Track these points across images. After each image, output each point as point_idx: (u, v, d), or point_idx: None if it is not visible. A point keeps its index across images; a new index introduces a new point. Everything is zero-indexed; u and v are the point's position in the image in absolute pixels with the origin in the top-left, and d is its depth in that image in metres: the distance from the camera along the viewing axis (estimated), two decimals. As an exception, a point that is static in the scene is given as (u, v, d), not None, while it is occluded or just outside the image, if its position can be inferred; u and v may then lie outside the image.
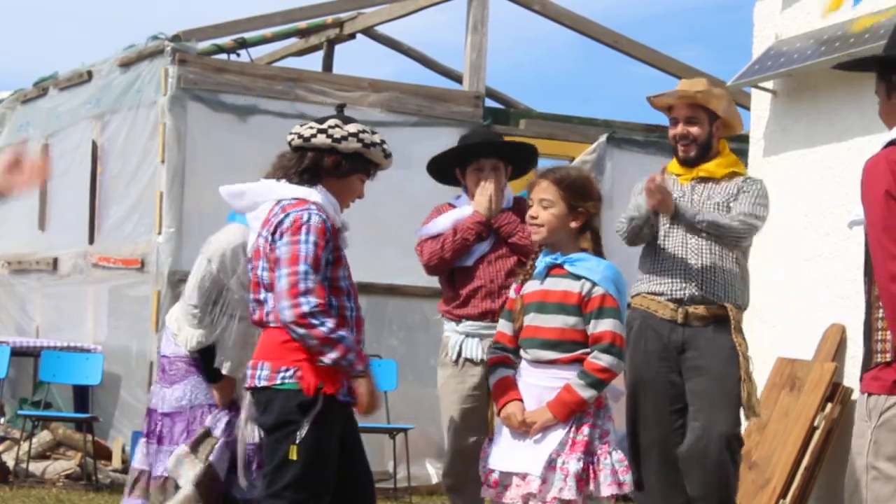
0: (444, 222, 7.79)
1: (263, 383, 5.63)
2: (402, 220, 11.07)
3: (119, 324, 12.10)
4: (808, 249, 9.77)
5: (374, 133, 6.13)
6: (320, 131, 5.97)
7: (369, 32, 13.81)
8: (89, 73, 12.63)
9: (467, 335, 7.64)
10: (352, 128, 6.03)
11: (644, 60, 12.91)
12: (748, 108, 11.57)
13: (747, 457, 10.20)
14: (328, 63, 13.76)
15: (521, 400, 5.87)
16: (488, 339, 7.34)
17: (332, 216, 5.91)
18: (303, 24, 13.11)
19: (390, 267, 11.36)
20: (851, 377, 9.99)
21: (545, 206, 5.74)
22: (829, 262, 6.70)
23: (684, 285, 7.50)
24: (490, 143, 7.97)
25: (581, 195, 5.83)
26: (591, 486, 5.49)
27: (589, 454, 5.49)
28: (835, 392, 10.13)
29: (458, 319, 7.68)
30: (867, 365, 5.09)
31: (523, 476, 5.56)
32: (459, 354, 7.64)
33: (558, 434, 5.55)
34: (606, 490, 5.47)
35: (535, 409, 5.69)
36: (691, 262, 7.50)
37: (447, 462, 7.84)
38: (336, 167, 5.98)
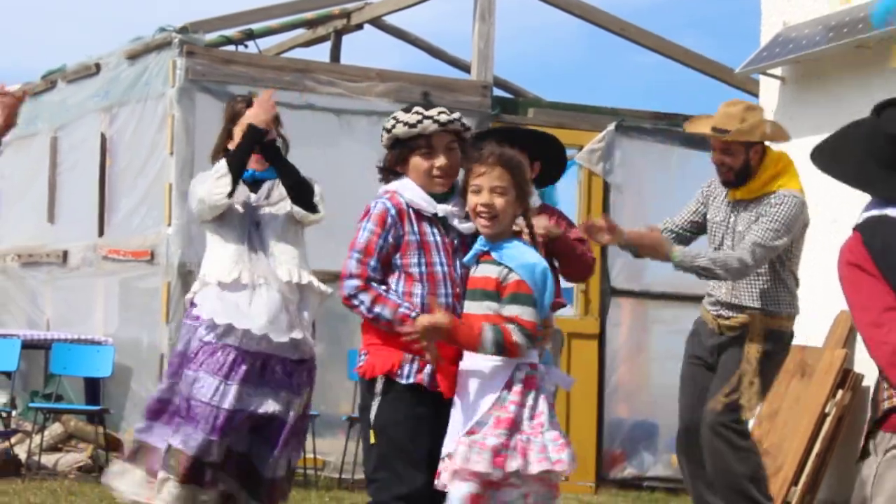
0: None
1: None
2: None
3: (129, 316, 12.10)
4: (817, 238, 9.76)
5: (407, 111, 5.97)
6: (383, 129, 5.98)
7: (376, 23, 13.78)
8: (97, 66, 12.63)
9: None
10: (393, 117, 6.01)
11: (651, 48, 12.90)
12: (756, 95, 11.56)
13: (759, 445, 10.25)
14: (336, 54, 13.75)
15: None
16: None
17: (414, 201, 5.79)
18: (310, 15, 13.11)
19: None
20: (862, 363, 10.01)
21: (500, 194, 5.43)
22: (838, 250, 6.67)
23: (719, 298, 7.79)
24: (516, 131, 8.16)
25: (526, 179, 5.61)
26: (517, 463, 5.24)
27: (514, 432, 5.26)
28: (845, 378, 10.16)
29: None
30: (874, 414, 4.85)
31: (449, 456, 5.38)
32: None
33: (479, 412, 5.36)
34: (536, 467, 5.23)
35: (464, 394, 5.48)
36: (724, 284, 7.81)
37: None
38: (395, 158, 5.94)
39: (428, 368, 5.54)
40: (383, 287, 5.63)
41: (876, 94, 6.99)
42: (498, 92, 12.83)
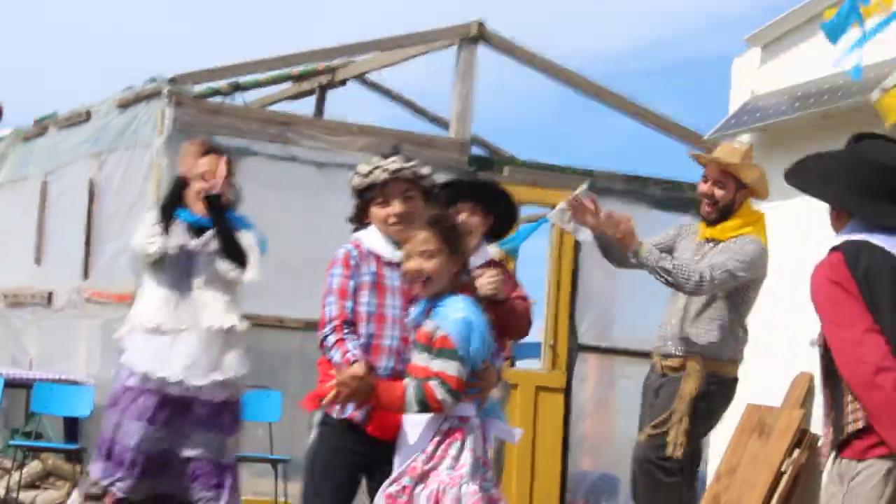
0: None
1: None
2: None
3: (111, 357, 12.07)
4: (777, 300, 9.79)
5: (366, 164, 5.96)
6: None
7: (360, 79, 13.84)
8: (88, 114, 12.65)
9: None
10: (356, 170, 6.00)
11: (624, 112, 12.95)
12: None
13: (717, 499, 10.23)
14: (320, 108, 13.79)
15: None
16: None
17: (373, 248, 5.83)
18: (296, 70, 13.15)
19: None
20: (818, 424, 10.04)
21: (428, 257, 5.34)
22: (798, 313, 6.73)
23: (664, 342, 7.76)
24: (473, 184, 7.95)
25: (459, 238, 5.47)
26: None
27: (423, 480, 5.17)
28: (802, 438, 10.15)
29: None
30: (836, 436, 5.15)
31: None
32: None
33: (403, 465, 5.27)
34: None
35: (400, 446, 5.40)
36: (673, 320, 7.75)
37: None
38: (357, 209, 5.97)
39: (365, 408, 5.50)
40: (353, 334, 5.62)
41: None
42: (475, 149, 12.84)
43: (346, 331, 5.61)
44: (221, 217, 7.60)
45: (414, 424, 5.31)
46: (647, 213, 12.23)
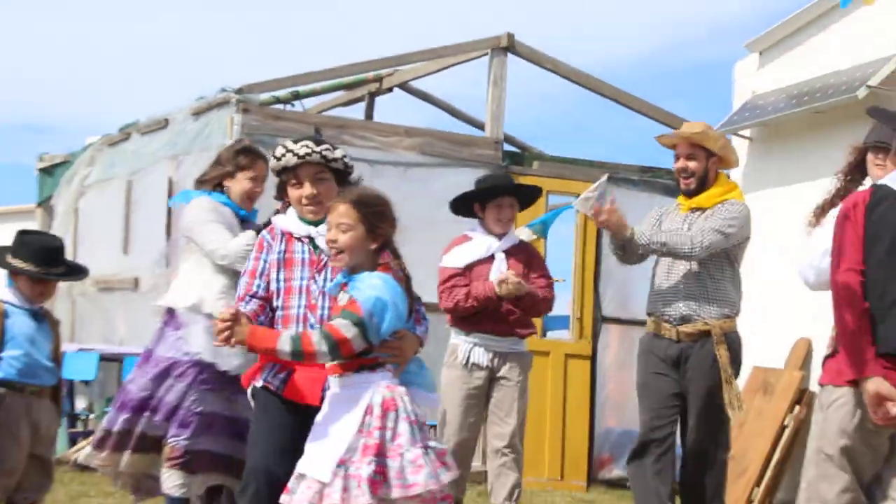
0: (460, 257, 8.08)
1: None
2: (429, 246, 11.10)
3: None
4: (780, 273, 9.79)
5: (281, 147, 5.83)
6: None
7: (404, 87, 13.85)
8: (166, 121, 12.72)
9: (475, 344, 7.79)
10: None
11: (639, 111, 12.92)
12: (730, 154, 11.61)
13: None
14: (369, 112, 13.80)
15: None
16: (491, 349, 7.83)
17: (286, 227, 5.71)
18: (348, 79, 13.14)
19: (428, 289, 11.40)
20: (816, 384, 10.05)
21: (344, 230, 5.15)
22: (798, 285, 6.74)
23: (676, 307, 7.47)
24: (509, 186, 8.19)
25: (380, 216, 5.24)
26: (383, 489, 4.94)
27: (381, 456, 4.95)
28: (802, 396, 10.19)
29: (469, 331, 7.81)
30: (824, 363, 5.27)
31: (315, 481, 5.01)
32: (468, 359, 7.79)
33: (346, 439, 5.02)
34: (396, 492, 4.94)
35: (328, 417, 5.18)
36: (680, 285, 7.49)
37: (445, 443, 7.69)
38: (278, 189, 5.94)
39: (282, 375, 5.43)
40: (254, 305, 5.53)
41: (831, 153, 7.01)
42: (507, 147, 12.85)
43: (250, 304, 5.53)
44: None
45: (339, 397, 5.13)
46: (661, 199, 12.20)
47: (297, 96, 12.74)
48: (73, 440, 11.34)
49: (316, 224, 5.60)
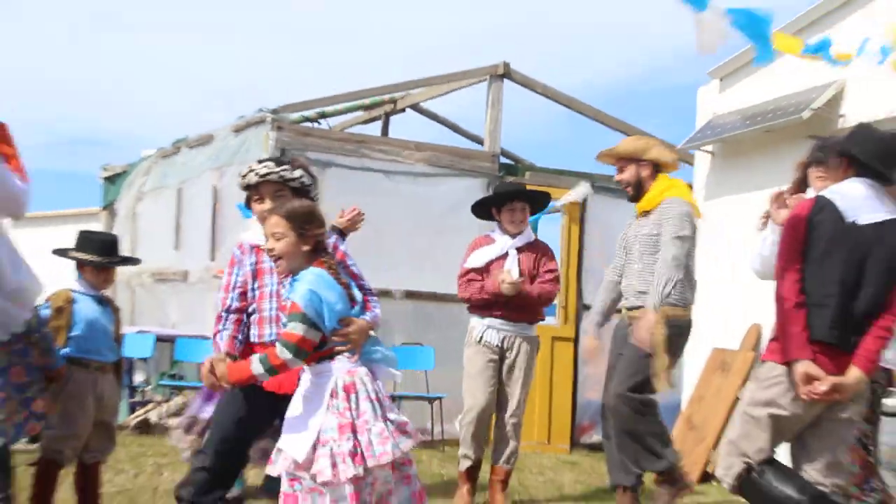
0: (480, 257, 8.07)
1: None
2: (442, 246, 11.17)
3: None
4: (736, 270, 9.81)
5: (246, 168, 5.77)
6: None
7: (415, 107, 13.87)
8: (211, 137, 12.77)
9: (488, 326, 7.90)
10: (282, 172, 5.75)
11: (617, 129, 12.93)
12: (692, 165, 11.59)
13: (689, 421, 10.28)
14: (385, 129, 13.84)
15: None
16: (501, 331, 7.88)
17: (252, 240, 5.64)
18: (366, 101, 13.20)
19: (433, 281, 11.43)
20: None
21: (278, 238, 5.05)
22: (750, 281, 6.76)
23: (630, 300, 7.55)
24: (510, 190, 8.25)
25: (307, 222, 5.09)
26: (360, 461, 4.86)
27: (354, 433, 4.87)
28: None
29: (483, 315, 7.91)
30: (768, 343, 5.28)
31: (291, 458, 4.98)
32: (481, 338, 7.89)
33: (317, 422, 4.94)
34: (370, 462, 4.86)
35: (298, 403, 5.11)
36: (633, 282, 7.54)
37: (467, 410, 7.93)
38: (247, 204, 5.80)
39: None
40: (232, 320, 5.50)
41: (778, 166, 6.99)
42: (503, 159, 12.86)
43: (224, 321, 5.49)
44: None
45: (307, 385, 5.06)
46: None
47: (323, 115, 12.79)
48: (132, 408, 11.41)
49: None
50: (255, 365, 4.92)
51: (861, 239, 5.04)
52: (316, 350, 4.94)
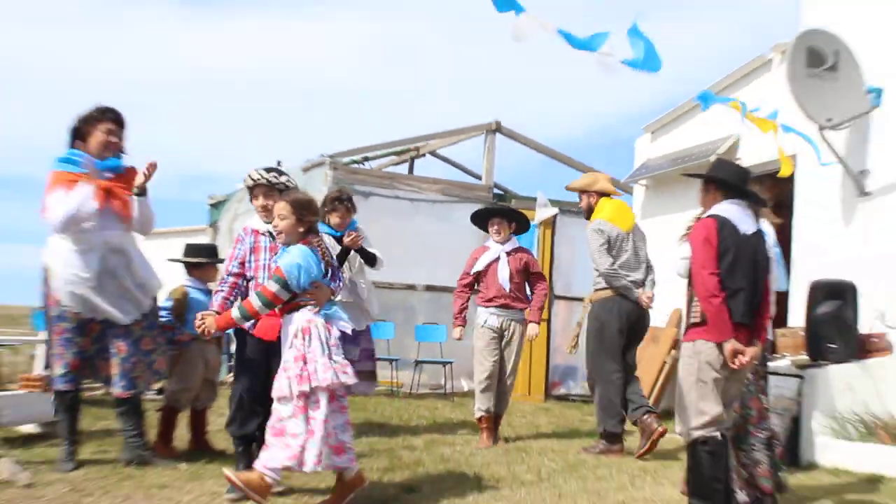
0: (482, 262, 7.98)
1: None
2: (448, 253, 11.22)
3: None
4: (665, 271, 9.89)
5: (248, 174, 5.67)
6: None
7: (433, 153, 13.91)
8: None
9: (491, 314, 7.86)
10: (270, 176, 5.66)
11: (578, 168, 12.98)
12: (631, 194, 11.66)
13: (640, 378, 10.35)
14: (411, 169, 13.82)
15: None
16: (500, 317, 7.84)
17: (252, 226, 5.54)
18: (397, 149, 13.23)
19: (445, 277, 11.43)
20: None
21: (282, 219, 4.98)
22: (673, 279, 6.80)
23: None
24: (498, 209, 8.24)
25: (305, 210, 5.03)
26: (307, 382, 4.83)
27: (304, 362, 4.84)
28: (675, 345, 10.25)
29: (487, 306, 7.89)
30: (688, 327, 5.16)
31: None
32: (486, 322, 7.85)
33: (285, 353, 4.94)
34: (314, 383, 4.82)
35: (283, 337, 5.01)
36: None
37: (480, 376, 7.85)
38: (250, 199, 5.73)
39: (253, 321, 5.21)
40: (229, 283, 5.35)
41: (691, 196, 7.01)
42: (496, 191, 12.91)
43: (223, 283, 5.39)
44: (366, 251, 7.46)
45: (285, 329, 4.98)
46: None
47: (366, 159, 12.80)
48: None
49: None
50: (234, 312, 4.97)
51: (749, 246, 5.03)
52: (287, 303, 4.92)
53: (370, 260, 7.52)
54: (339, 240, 7.34)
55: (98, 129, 5.86)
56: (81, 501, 4.92)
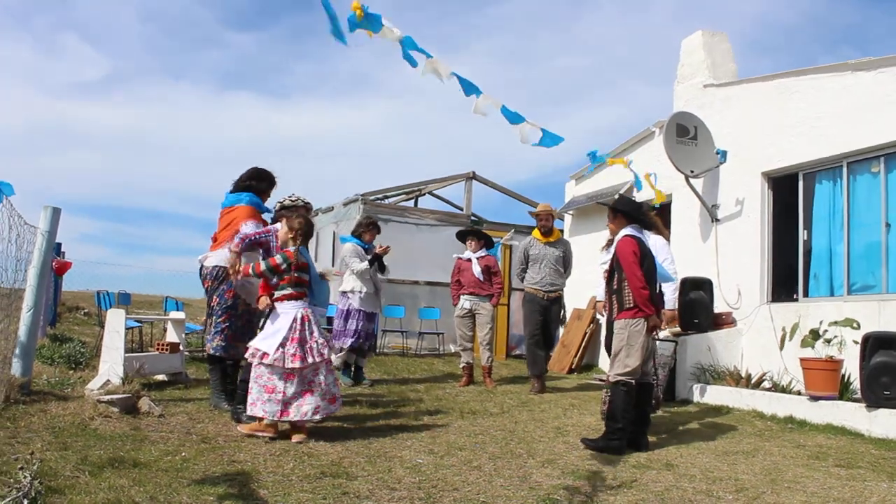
0: (462, 264, 7.84)
1: None
2: (440, 259, 11.20)
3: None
4: (588, 272, 9.93)
5: (289, 199, 5.35)
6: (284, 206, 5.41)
7: (430, 193, 13.87)
8: (332, 207, 12.46)
9: (465, 299, 7.79)
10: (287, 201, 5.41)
11: (529, 203, 13.01)
12: (563, 220, 11.68)
13: (563, 343, 10.35)
14: (416, 203, 13.71)
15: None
16: (471, 301, 7.71)
17: (274, 230, 5.13)
18: (406, 190, 13.15)
19: (439, 276, 11.36)
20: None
21: (285, 234, 4.78)
22: (597, 276, 6.85)
23: (545, 284, 7.51)
24: (471, 231, 8.11)
25: (298, 229, 4.78)
26: (306, 359, 4.52)
27: (303, 343, 4.54)
28: (592, 320, 10.25)
29: (463, 293, 7.81)
30: (620, 308, 4.95)
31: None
32: (462, 305, 7.77)
33: (279, 335, 4.54)
34: (286, 364, 4.47)
35: (272, 321, 4.65)
36: (546, 276, 7.53)
37: (460, 340, 7.80)
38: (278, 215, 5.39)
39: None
40: (247, 245, 4.97)
41: (595, 224, 7.10)
42: (473, 218, 12.91)
43: (242, 244, 4.97)
44: (380, 260, 7.32)
45: (277, 317, 4.65)
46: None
47: (386, 196, 12.78)
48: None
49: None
50: (250, 270, 4.68)
51: (650, 255, 5.00)
52: (284, 294, 4.61)
53: (382, 268, 7.42)
54: (367, 251, 7.30)
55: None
56: (195, 426, 4.93)
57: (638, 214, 5.14)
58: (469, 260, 7.92)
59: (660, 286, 5.26)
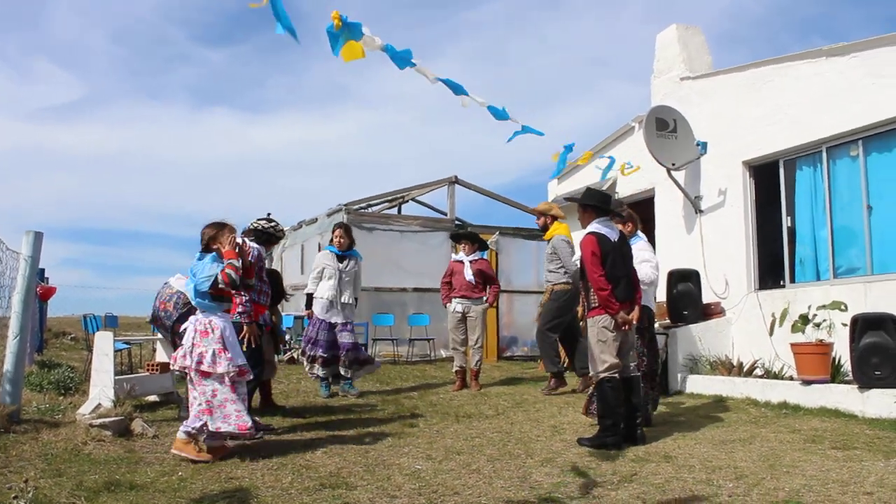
0: (454, 267, 7.84)
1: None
2: (426, 265, 11.23)
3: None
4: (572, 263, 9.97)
5: (266, 223, 5.54)
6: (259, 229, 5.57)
7: (414, 199, 13.87)
8: (316, 219, 12.46)
9: (457, 302, 7.76)
10: (262, 223, 5.55)
11: (517, 206, 13.03)
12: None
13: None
14: (399, 210, 13.68)
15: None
16: (463, 304, 7.68)
17: (257, 247, 5.33)
18: (390, 197, 13.14)
19: (427, 282, 11.33)
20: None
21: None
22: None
23: (547, 278, 7.41)
24: (465, 234, 8.08)
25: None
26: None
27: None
28: (582, 318, 10.22)
29: (454, 298, 7.78)
30: (589, 307, 5.03)
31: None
32: (454, 308, 7.75)
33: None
34: (217, 368, 4.41)
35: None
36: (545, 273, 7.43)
37: (452, 344, 7.76)
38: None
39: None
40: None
41: (577, 222, 7.12)
42: (457, 222, 12.93)
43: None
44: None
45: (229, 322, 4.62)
46: (526, 242, 12.17)
47: (370, 205, 12.76)
48: (284, 352, 11.25)
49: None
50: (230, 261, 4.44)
51: (617, 248, 5.00)
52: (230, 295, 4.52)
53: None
54: (340, 257, 7.17)
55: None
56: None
57: (606, 206, 5.13)
58: (461, 262, 7.92)
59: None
